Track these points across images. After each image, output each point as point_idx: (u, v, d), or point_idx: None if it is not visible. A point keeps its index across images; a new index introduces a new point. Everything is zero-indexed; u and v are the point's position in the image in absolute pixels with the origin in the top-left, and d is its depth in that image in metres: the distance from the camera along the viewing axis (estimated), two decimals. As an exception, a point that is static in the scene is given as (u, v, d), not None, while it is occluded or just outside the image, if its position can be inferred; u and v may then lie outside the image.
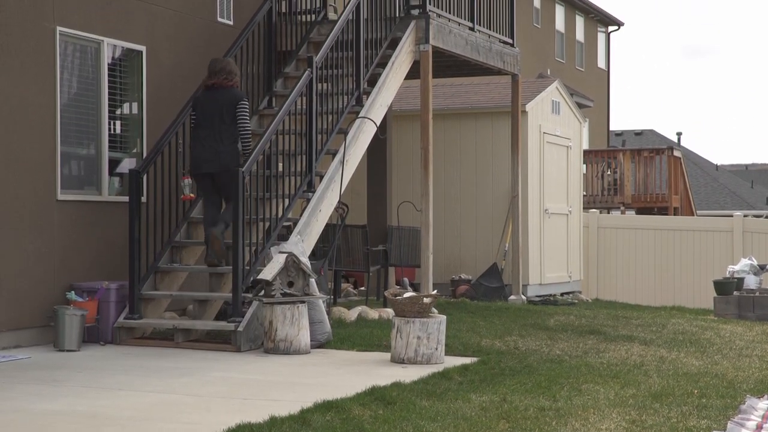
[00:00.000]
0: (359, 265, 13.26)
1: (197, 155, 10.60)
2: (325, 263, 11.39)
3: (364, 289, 14.55)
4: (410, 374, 8.32)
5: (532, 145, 15.99)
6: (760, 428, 6.52)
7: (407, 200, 15.04)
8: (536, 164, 16.16)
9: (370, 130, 11.93)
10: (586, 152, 24.88)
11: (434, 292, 10.74)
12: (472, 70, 15.00)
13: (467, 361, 9.11)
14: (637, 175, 25.43)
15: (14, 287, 9.82)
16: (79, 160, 10.72)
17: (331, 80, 11.82)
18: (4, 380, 8.03)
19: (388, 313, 11.90)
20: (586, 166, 24.45)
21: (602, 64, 38.85)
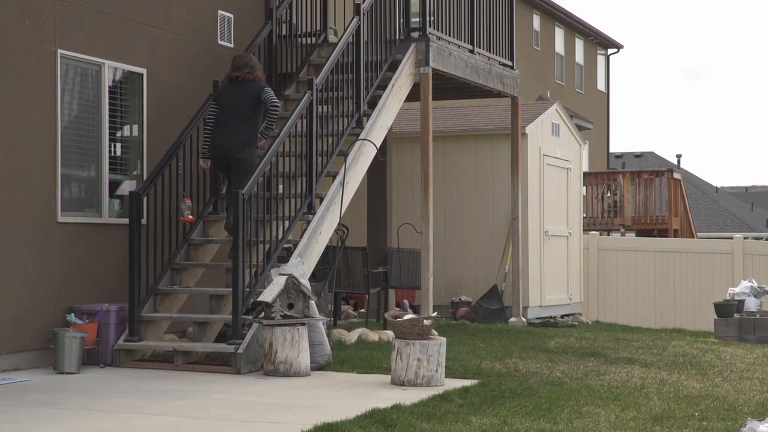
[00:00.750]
0: (359, 286, 13.25)
1: (216, 145, 10.95)
2: (325, 285, 11.38)
3: (364, 311, 14.53)
4: (410, 396, 8.30)
5: (532, 167, 16.01)
6: (761, 451, 6.50)
7: (407, 222, 15.05)
8: (536, 186, 16.17)
9: (370, 152, 11.95)
10: (586, 174, 24.92)
11: (434, 314, 10.73)
12: (472, 92, 15.03)
13: (467, 383, 9.09)
14: (637, 197, 25.45)
15: (14, 309, 9.81)
16: (79, 182, 10.73)
17: (331, 102, 11.85)
18: (4, 403, 8.02)
19: (388, 335, 11.89)
20: (586, 188, 24.48)
21: (602, 86, 38.92)
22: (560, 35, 34.55)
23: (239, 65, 11.07)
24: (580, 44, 36.33)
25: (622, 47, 39.26)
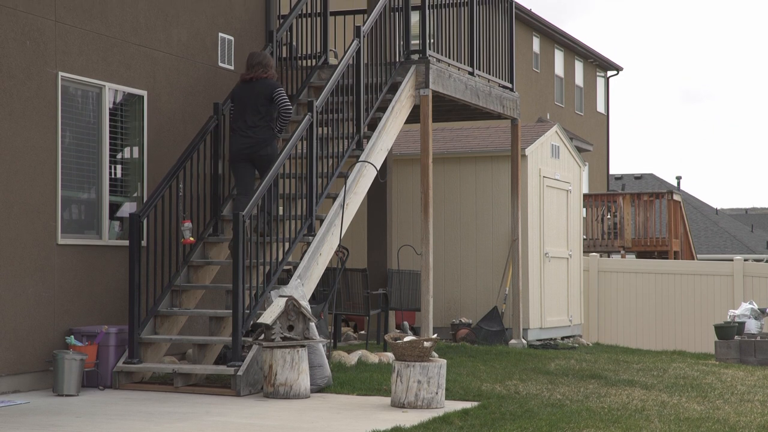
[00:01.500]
0: (359, 308, 13.24)
1: (235, 144, 11.24)
2: (325, 307, 11.37)
3: (364, 332, 14.52)
4: (410, 419, 8.28)
5: (531, 189, 16.03)
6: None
7: (407, 244, 15.05)
8: (536, 208, 16.18)
9: (370, 173, 11.96)
10: (585, 196, 24.93)
11: (434, 336, 10.72)
12: (471, 114, 15.06)
13: (468, 405, 9.08)
14: (636, 218, 25.45)
15: (14, 331, 9.80)
16: (79, 203, 10.74)
17: (331, 124, 11.87)
18: (3, 426, 7.99)
19: (388, 357, 11.87)
20: (585, 209, 24.49)
21: (601, 108, 39.00)
22: (560, 57, 34.64)
23: (253, 64, 11.35)
24: (579, 66, 36.42)
25: (621, 69, 39.37)
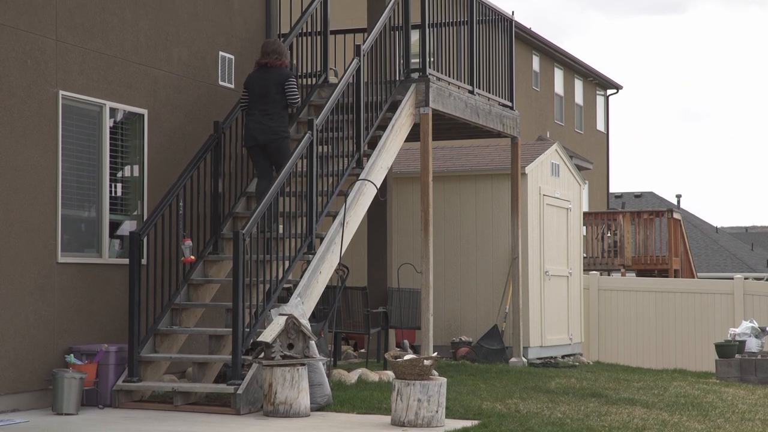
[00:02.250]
0: (359, 327, 13.23)
1: (250, 129, 11.52)
2: (325, 325, 11.36)
3: (364, 351, 14.49)
4: (411, 437, 8.26)
5: (531, 207, 16.03)
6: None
7: (407, 262, 15.04)
8: (536, 226, 16.18)
9: (370, 192, 11.97)
10: (585, 214, 24.95)
11: (435, 354, 10.70)
12: (471, 132, 15.08)
13: (468, 424, 9.06)
14: (637, 237, 25.46)
15: (13, 350, 9.79)
16: (79, 222, 10.74)
17: (331, 142, 11.89)
18: (1, 444, 7.98)
19: (388, 375, 11.85)
20: (586, 228, 24.49)
21: (601, 126, 39.05)
22: (560, 76, 34.71)
23: (267, 51, 11.61)
24: (579, 85, 36.49)
25: (621, 88, 39.42)
